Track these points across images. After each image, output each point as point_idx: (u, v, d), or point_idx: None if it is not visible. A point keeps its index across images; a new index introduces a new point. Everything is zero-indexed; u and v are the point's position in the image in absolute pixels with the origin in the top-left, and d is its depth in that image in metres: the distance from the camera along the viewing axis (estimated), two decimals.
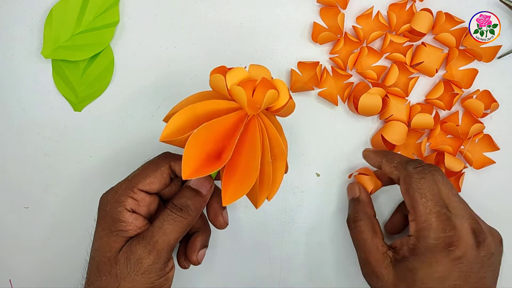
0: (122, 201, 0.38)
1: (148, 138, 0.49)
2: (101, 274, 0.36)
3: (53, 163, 0.50)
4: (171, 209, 0.38)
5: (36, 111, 0.49)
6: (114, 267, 0.36)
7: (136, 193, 0.38)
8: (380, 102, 0.45)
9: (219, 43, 0.49)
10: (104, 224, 0.38)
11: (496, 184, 0.50)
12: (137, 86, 0.49)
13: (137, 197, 0.38)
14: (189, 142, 0.34)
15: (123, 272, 0.35)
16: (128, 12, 0.49)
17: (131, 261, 0.35)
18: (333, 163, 0.49)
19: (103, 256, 0.37)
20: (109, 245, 0.37)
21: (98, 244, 0.37)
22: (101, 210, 0.39)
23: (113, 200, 0.38)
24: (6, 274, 0.50)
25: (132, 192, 0.38)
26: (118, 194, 0.38)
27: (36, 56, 0.49)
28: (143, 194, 0.38)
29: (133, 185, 0.38)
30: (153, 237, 0.36)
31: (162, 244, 0.36)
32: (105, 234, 0.37)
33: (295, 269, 0.50)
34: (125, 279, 0.35)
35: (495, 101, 0.47)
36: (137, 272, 0.35)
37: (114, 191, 0.39)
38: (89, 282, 0.37)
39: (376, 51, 0.48)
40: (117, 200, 0.38)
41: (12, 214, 0.50)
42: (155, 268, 0.36)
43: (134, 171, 0.40)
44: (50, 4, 0.49)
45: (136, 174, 0.39)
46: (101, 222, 0.38)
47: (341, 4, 0.48)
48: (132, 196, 0.38)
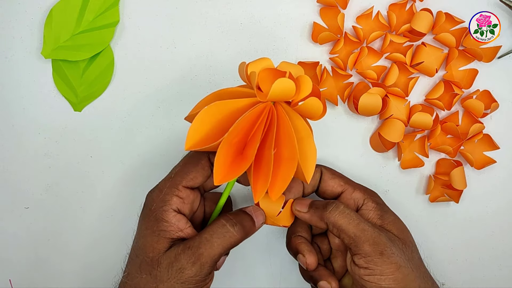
0: (168, 200, 0.38)
1: (148, 138, 0.49)
2: (142, 272, 0.37)
3: (53, 163, 0.50)
4: (225, 222, 0.38)
5: (36, 111, 0.49)
6: (155, 269, 0.36)
7: (181, 191, 0.39)
8: (380, 102, 0.45)
9: (219, 43, 0.49)
10: (148, 223, 0.38)
11: (496, 184, 0.50)
12: (137, 86, 0.49)
13: (182, 194, 0.39)
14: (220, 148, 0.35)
15: (163, 275, 0.36)
16: (128, 12, 0.49)
17: (173, 268, 0.36)
18: (333, 163, 0.49)
19: (146, 255, 0.37)
20: (152, 245, 0.37)
21: (141, 242, 0.38)
22: (146, 208, 0.39)
23: (158, 199, 0.38)
24: (6, 274, 0.50)
25: (177, 190, 0.38)
26: (164, 193, 0.38)
27: (36, 56, 0.49)
28: (187, 191, 0.39)
29: (178, 182, 0.39)
30: (199, 248, 0.36)
31: (207, 258, 0.36)
32: (148, 234, 0.38)
33: (295, 269, 0.50)
34: (163, 283, 0.36)
35: (495, 101, 0.47)
36: (177, 280, 0.36)
37: (159, 189, 0.39)
38: (130, 277, 0.38)
39: (376, 51, 0.48)
40: (163, 199, 0.38)
41: (12, 214, 0.50)
42: (196, 279, 0.36)
43: (175, 167, 0.40)
44: (50, 4, 0.49)
45: (178, 170, 0.40)
46: (146, 220, 0.38)
47: (341, 4, 0.48)
48: (177, 194, 0.38)
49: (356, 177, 0.49)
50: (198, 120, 0.35)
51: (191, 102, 0.49)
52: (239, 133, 0.36)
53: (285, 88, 0.35)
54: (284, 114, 0.37)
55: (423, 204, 0.50)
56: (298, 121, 0.37)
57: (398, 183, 0.50)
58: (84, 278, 0.50)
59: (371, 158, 0.50)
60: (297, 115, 0.37)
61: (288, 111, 0.37)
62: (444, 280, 0.49)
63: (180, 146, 0.49)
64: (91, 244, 0.50)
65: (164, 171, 0.41)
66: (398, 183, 0.50)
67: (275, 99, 0.36)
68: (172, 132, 0.49)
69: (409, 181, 0.50)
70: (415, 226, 0.50)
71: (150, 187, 0.40)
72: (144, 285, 0.36)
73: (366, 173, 0.49)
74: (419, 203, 0.50)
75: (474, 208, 0.50)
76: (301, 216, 0.42)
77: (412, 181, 0.50)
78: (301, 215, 0.42)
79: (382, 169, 0.50)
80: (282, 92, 0.35)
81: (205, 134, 0.36)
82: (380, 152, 0.49)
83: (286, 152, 0.36)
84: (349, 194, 0.43)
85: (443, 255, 0.50)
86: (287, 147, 0.36)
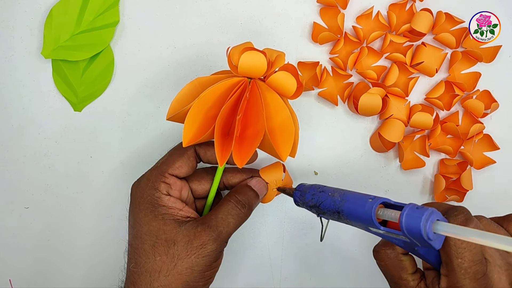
0: (157, 187, 0.40)
1: (148, 138, 0.49)
2: (156, 255, 0.38)
3: (53, 163, 0.50)
4: (237, 204, 0.41)
5: (36, 111, 0.49)
6: (172, 248, 0.38)
7: (168, 178, 0.40)
8: (380, 102, 0.45)
9: (219, 43, 0.49)
10: (145, 210, 0.39)
11: (496, 184, 0.50)
12: (137, 86, 0.49)
13: (169, 181, 0.40)
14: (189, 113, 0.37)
15: (181, 253, 0.38)
16: (128, 12, 0.49)
17: (192, 244, 0.38)
18: (333, 163, 0.49)
19: (158, 238, 0.38)
20: (161, 228, 0.39)
21: (146, 228, 0.39)
22: (137, 197, 0.40)
23: (147, 187, 0.40)
24: (6, 274, 0.50)
25: (163, 177, 0.40)
26: (151, 181, 0.40)
27: (36, 56, 0.49)
28: (174, 178, 0.41)
29: (164, 170, 0.40)
30: (218, 227, 0.39)
31: (225, 235, 0.39)
32: (151, 219, 0.39)
33: (295, 269, 0.50)
34: (183, 260, 0.38)
35: (495, 101, 0.48)
36: (198, 255, 0.38)
37: (146, 178, 0.41)
38: (139, 265, 0.39)
39: (376, 51, 0.48)
40: (152, 186, 0.40)
41: (12, 214, 0.50)
42: (216, 253, 0.39)
43: (162, 158, 0.42)
44: (50, 4, 0.49)
45: (164, 160, 0.41)
46: (141, 208, 0.40)
47: (341, 4, 0.48)
48: (164, 181, 0.40)
49: (356, 177, 0.50)
50: (180, 92, 0.38)
51: None
52: (210, 102, 0.38)
53: (255, 61, 0.37)
54: (256, 89, 0.38)
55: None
56: (275, 100, 0.39)
57: (398, 183, 0.50)
58: (84, 278, 0.50)
59: (371, 158, 0.50)
60: (275, 95, 0.39)
61: (265, 89, 0.39)
62: None
63: None
64: (91, 244, 0.50)
65: None
66: (398, 183, 0.50)
67: (246, 72, 0.38)
68: (172, 132, 0.49)
69: (409, 181, 0.50)
70: None
71: None
72: (161, 266, 0.38)
73: (366, 173, 0.49)
74: (420, 203, 0.50)
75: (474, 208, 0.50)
76: None
77: (412, 181, 0.50)
78: None
79: (382, 169, 0.50)
80: (252, 65, 0.37)
81: (183, 103, 0.39)
82: (380, 152, 0.49)
83: (254, 125, 0.38)
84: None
85: None
86: (255, 121, 0.38)
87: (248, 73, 0.38)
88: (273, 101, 0.39)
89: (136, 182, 0.41)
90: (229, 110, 0.39)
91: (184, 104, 0.39)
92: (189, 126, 0.37)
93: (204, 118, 0.38)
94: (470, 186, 0.47)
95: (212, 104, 0.38)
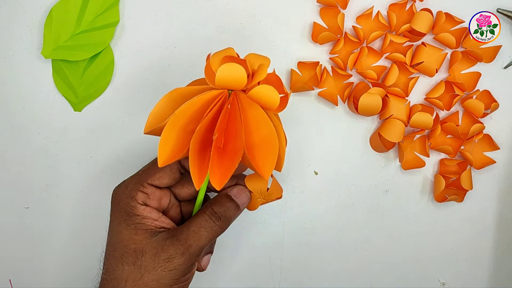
0: (133, 195, 0.39)
1: (148, 138, 0.49)
2: (124, 264, 0.37)
3: (53, 163, 0.50)
4: (211, 216, 0.39)
5: (36, 111, 0.49)
6: (139, 258, 0.37)
7: (146, 187, 0.39)
8: (380, 102, 0.45)
9: (219, 43, 0.49)
10: (119, 218, 0.39)
11: (496, 184, 0.50)
12: (137, 86, 0.49)
13: (147, 191, 0.39)
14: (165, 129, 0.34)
15: (148, 264, 0.37)
16: (128, 12, 0.49)
17: (160, 257, 0.37)
18: (333, 163, 0.49)
19: (127, 248, 0.38)
20: (131, 238, 0.38)
21: (118, 237, 0.38)
22: (114, 204, 0.40)
23: (124, 195, 0.39)
24: (6, 274, 0.50)
25: (142, 186, 0.39)
26: (129, 188, 0.39)
27: (36, 56, 0.49)
28: (153, 188, 0.39)
29: (143, 179, 0.39)
30: (187, 240, 0.37)
31: (195, 248, 0.38)
32: (123, 228, 0.38)
33: (295, 269, 0.50)
34: (149, 271, 0.37)
35: (495, 101, 0.47)
36: (165, 268, 0.37)
37: (125, 185, 0.40)
38: (109, 272, 0.38)
39: (376, 51, 0.48)
40: (128, 195, 0.39)
41: (12, 214, 0.50)
42: (184, 267, 0.37)
43: (145, 166, 0.41)
44: (50, 4, 0.49)
45: (146, 169, 0.40)
46: (116, 215, 0.39)
47: (341, 4, 0.48)
48: (142, 190, 0.39)
49: (356, 177, 0.50)
50: (158, 104, 0.36)
51: None
52: (189, 117, 0.35)
53: (233, 74, 0.34)
54: (236, 103, 0.36)
55: (423, 204, 0.50)
56: (257, 113, 0.36)
57: (398, 183, 0.50)
58: (84, 278, 0.50)
59: (371, 158, 0.50)
60: (257, 107, 0.36)
61: (246, 102, 0.36)
62: (444, 280, 0.50)
63: None
64: (91, 244, 0.50)
65: None
66: (398, 183, 0.50)
67: (224, 85, 0.35)
68: None
69: (410, 181, 0.50)
70: (415, 226, 0.50)
71: None
72: (127, 276, 0.37)
73: (366, 173, 0.49)
74: (419, 203, 0.50)
75: (474, 208, 0.50)
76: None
77: (412, 181, 0.50)
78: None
79: (382, 169, 0.50)
80: (230, 78, 0.34)
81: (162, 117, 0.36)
82: (380, 152, 0.49)
83: (234, 142, 0.36)
84: None
85: (443, 255, 0.50)
86: (234, 137, 0.36)
87: (227, 86, 0.36)
88: (255, 115, 0.36)
89: (116, 188, 0.40)
90: (208, 126, 0.36)
91: (161, 117, 0.36)
92: (164, 144, 0.35)
93: (182, 134, 0.35)
94: (470, 186, 0.47)
95: (190, 119, 0.35)
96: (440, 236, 0.50)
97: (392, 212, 0.50)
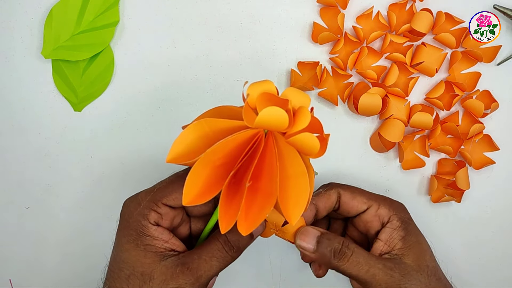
0: (146, 214, 0.37)
1: (148, 138, 0.49)
2: (130, 286, 0.36)
3: (53, 163, 0.50)
4: (224, 245, 0.37)
5: (36, 111, 0.49)
6: (146, 283, 0.36)
7: (160, 207, 0.37)
8: (380, 102, 0.45)
9: (219, 43, 0.49)
10: (128, 236, 0.37)
11: (496, 184, 0.50)
12: (137, 86, 0.49)
13: (161, 211, 0.37)
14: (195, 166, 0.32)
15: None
16: (128, 12, 0.49)
17: (168, 285, 0.35)
18: (333, 163, 0.49)
19: (135, 270, 0.36)
20: (139, 260, 0.36)
21: (125, 256, 0.37)
22: (124, 219, 0.38)
23: (136, 212, 0.37)
24: (6, 274, 0.50)
25: (156, 205, 0.37)
26: (142, 206, 0.37)
27: (36, 56, 0.49)
28: (167, 209, 0.38)
29: (158, 199, 0.37)
30: (198, 270, 0.36)
31: (205, 278, 0.36)
32: (132, 248, 0.37)
33: (295, 269, 0.50)
34: None
35: (495, 101, 0.48)
36: None
37: (137, 201, 0.38)
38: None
39: (376, 51, 0.48)
40: (141, 212, 0.37)
41: (12, 214, 0.50)
42: None
43: (161, 183, 0.39)
44: (50, 4, 0.49)
45: (162, 187, 0.38)
46: (125, 232, 0.37)
47: (341, 4, 0.48)
48: (156, 209, 0.37)
49: (356, 177, 0.49)
50: (185, 132, 0.33)
51: (191, 102, 0.49)
52: (221, 155, 0.33)
53: (275, 118, 0.31)
54: (273, 145, 0.33)
55: (423, 204, 0.50)
56: (292, 155, 0.33)
57: (398, 183, 0.50)
58: (84, 279, 0.50)
59: (371, 158, 0.50)
60: (292, 149, 0.33)
61: (282, 144, 0.33)
62: None
63: None
64: (91, 244, 0.50)
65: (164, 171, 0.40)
66: (398, 183, 0.50)
67: (263, 127, 0.32)
68: (172, 132, 0.49)
69: (409, 181, 0.50)
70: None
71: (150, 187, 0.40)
72: None
73: (366, 173, 0.49)
74: (419, 203, 0.50)
75: (474, 209, 0.50)
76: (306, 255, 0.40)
77: (412, 181, 0.50)
78: (306, 254, 0.40)
79: (382, 169, 0.50)
80: (272, 122, 0.31)
81: (189, 148, 0.33)
82: (380, 152, 0.49)
83: (266, 186, 0.33)
84: (373, 211, 0.41)
85: (443, 255, 0.50)
86: (267, 181, 0.33)
87: (266, 128, 0.33)
88: (290, 159, 0.33)
89: (128, 201, 0.38)
90: (240, 167, 0.33)
91: (188, 148, 0.33)
92: (192, 183, 0.32)
93: (211, 174, 0.33)
94: (467, 185, 0.47)
95: (221, 158, 0.33)
96: (440, 236, 0.50)
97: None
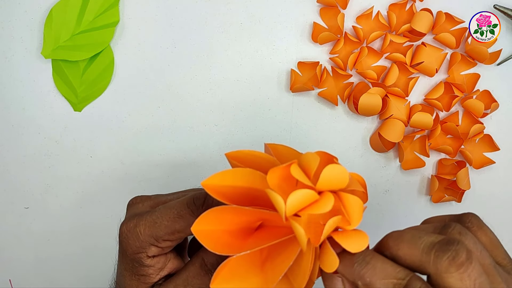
0: (145, 247, 0.35)
1: (148, 138, 0.49)
2: None
3: (53, 164, 0.50)
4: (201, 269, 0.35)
5: (36, 111, 0.49)
6: None
7: (161, 243, 0.35)
8: (380, 102, 0.45)
9: (219, 43, 0.49)
10: (125, 264, 0.36)
11: (496, 184, 0.50)
12: (137, 86, 0.49)
13: (162, 245, 0.35)
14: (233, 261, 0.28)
15: None
16: (128, 12, 0.49)
17: None
18: None
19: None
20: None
21: (124, 281, 0.36)
22: (122, 247, 0.36)
23: (135, 246, 0.35)
24: (6, 274, 0.50)
25: (156, 242, 0.35)
26: (141, 240, 0.35)
27: (36, 56, 0.49)
28: (168, 242, 0.36)
29: (160, 235, 0.34)
30: None
31: None
32: (128, 276, 0.36)
33: None
34: None
35: (495, 101, 0.47)
36: None
37: (136, 234, 0.35)
38: None
39: (376, 51, 0.48)
40: (140, 247, 0.35)
41: (12, 214, 0.50)
42: None
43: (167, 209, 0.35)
44: (50, 4, 0.49)
45: (167, 222, 0.34)
46: (122, 260, 0.36)
47: (341, 4, 0.48)
48: (156, 245, 0.35)
49: None
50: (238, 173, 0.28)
51: (191, 102, 0.49)
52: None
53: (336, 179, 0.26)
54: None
55: (423, 204, 0.50)
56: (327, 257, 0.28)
57: (398, 183, 0.50)
58: (84, 279, 0.50)
59: (371, 158, 0.50)
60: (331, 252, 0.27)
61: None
62: None
63: (180, 146, 0.49)
64: (91, 244, 0.50)
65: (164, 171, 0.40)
66: (398, 183, 0.50)
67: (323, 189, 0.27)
68: (172, 132, 0.49)
69: (410, 181, 0.50)
70: None
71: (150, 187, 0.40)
72: None
73: (366, 173, 0.49)
74: (420, 203, 0.50)
75: (474, 209, 0.50)
76: None
77: (412, 181, 0.50)
78: None
79: (382, 169, 0.50)
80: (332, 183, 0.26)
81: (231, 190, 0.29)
82: (380, 152, 0.49)
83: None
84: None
85: None
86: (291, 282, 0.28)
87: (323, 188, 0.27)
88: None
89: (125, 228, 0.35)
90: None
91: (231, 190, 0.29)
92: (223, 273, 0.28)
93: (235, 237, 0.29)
94: (467, 185, 0.47)
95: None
96: None
97: (392, 212, 0.50)
